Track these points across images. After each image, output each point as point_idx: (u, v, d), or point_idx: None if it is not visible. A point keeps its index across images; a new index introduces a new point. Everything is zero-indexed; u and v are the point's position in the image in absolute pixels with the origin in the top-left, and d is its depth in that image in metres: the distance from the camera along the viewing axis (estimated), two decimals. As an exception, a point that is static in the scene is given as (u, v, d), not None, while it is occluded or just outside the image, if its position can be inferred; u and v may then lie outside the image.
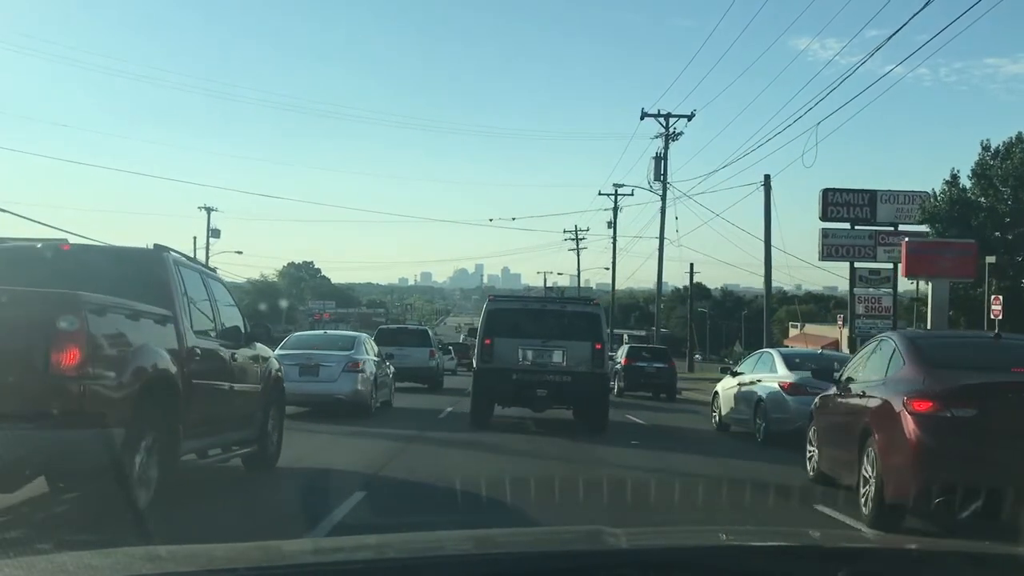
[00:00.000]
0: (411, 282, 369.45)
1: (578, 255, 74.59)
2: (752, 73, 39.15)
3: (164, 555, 2.22)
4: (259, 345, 9.62)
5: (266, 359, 9.83)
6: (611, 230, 60.93)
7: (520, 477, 9.42)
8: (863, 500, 8.27)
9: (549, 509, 8.02)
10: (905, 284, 44.51)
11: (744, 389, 16.25)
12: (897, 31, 17.16)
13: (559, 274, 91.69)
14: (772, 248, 34.29)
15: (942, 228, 40.05)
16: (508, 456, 12.02)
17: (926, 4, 15.25)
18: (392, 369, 20.82)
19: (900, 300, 43.11)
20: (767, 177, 29.88)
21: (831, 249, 40.81)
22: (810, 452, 10.89)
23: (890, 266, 42.01)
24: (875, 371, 9.19)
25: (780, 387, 14.83)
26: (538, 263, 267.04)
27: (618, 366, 29.24)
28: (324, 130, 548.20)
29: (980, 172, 42.47)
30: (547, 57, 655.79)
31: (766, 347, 22.29)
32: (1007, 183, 41.32)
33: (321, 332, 21.53)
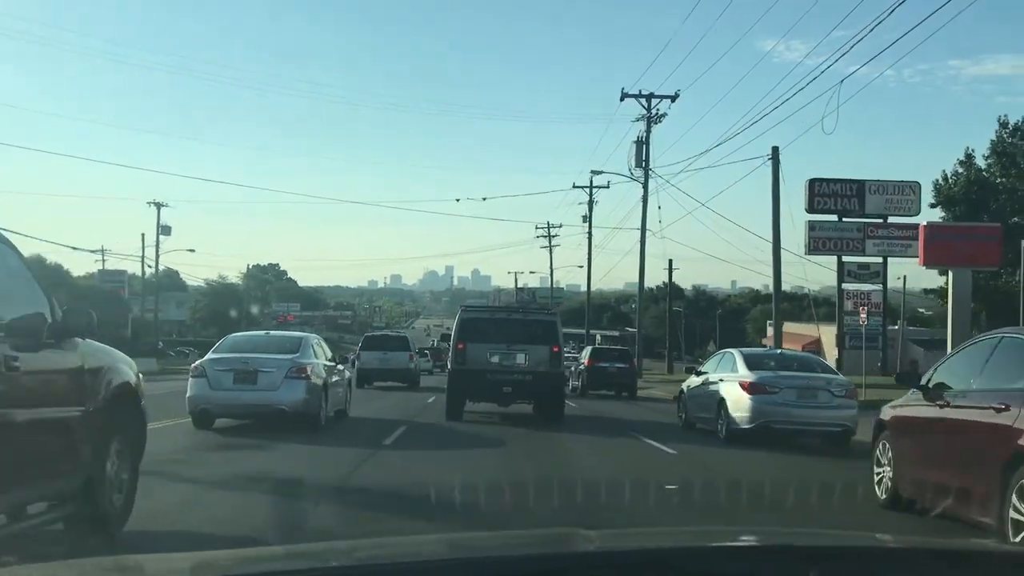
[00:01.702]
0: (380, 284, 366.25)
1: (551, 253, 72.27)
2: (737, 52, 36.99)
3: (132, 565, 2.39)
4: (91, 345, 6.33)
5: (101, 367, 6.36)
6: (586, 224, 57.47)
7: (494, 472, 9.84)
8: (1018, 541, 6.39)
9: (524, 507, 8.08)
10: (892, 280, 42.77)
11: (708, 388, 16.61)
12: (877, 28, 15.16)
13: (531, 272, 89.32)
14: (758, 240, 32.20)
15: (959, 212, 37.86)
16: (481, 452, 11.91)
17: (895, 7, 15.22)
18: (348, 374, 18.67)
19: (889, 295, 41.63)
20: (775, 150, 27.21)
21: (818, 242, 38.93)
22: (879, 472, 9.22)
23: (879, 260, 40.32)
24: (1010, 378, 7.37)
25: (741, 386, 15.07)
26: (510, 262, 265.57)
27: (582, 366, 31.55)
28: (286, 113, 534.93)
29: (1000, 150, 40.00)
30: (520, 33, 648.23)
31: (773, 346, 22.52)
32: None
33: (262, 333, 18.98)
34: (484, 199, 65.15)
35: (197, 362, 15.30)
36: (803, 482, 9.93)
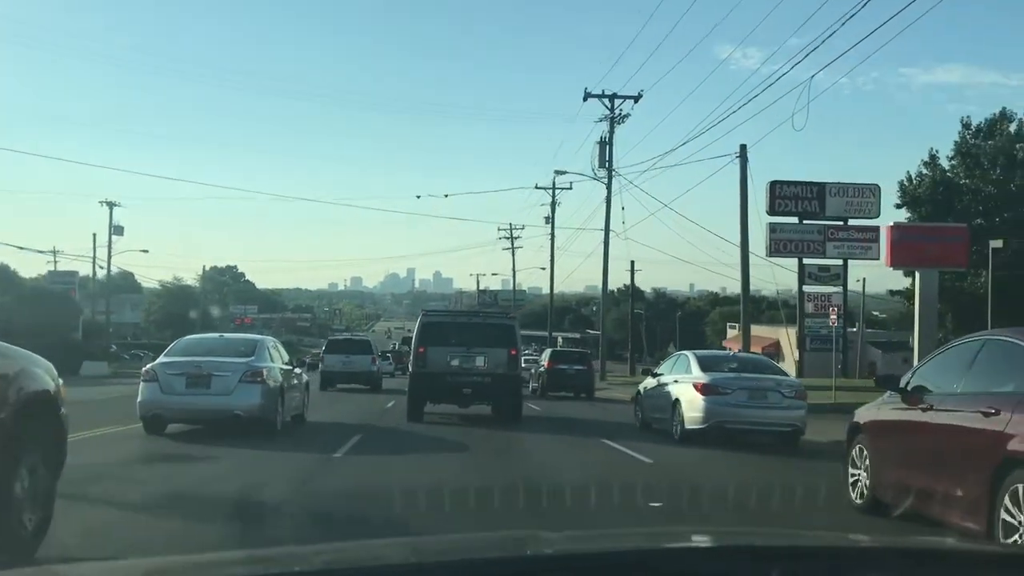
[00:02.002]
0: (341, 287, 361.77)
1: (513, 255, 72.12)
2: (699, 55, 36.99)
3: (89, 572, 2.50)
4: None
5: (9, 372, 5.67)
6: (549, 225, 57.21)
7: (455, 477, 9.74)
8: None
9: (486, 509, 7.99)
10: (851, 282, 43.08)
11: (663, 389, 16.87)
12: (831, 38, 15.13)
13: (494, 274, 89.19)
14: (719, 243, 32.14)
15: (925, 212, 38.08)
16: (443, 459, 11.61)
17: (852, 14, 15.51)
18: (306, 378, 18.19)
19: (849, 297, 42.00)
20: (743, 148, 26.84)
21: (779, 244, 39.07)
22: (854, 475, 9.08)
23: (840, 262, 40.56)
24: (996, 382, 7.29)
25: (694, 387, 15.37)
26: (472, 264, 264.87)
27: (542, 368, 32.31)
28: (244, 110, 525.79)
29: (964, 151, 40.14)
30: (482, 32, 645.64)
31: (741, 348, 22.47)
32: (996, 162, 39.05)
33: (216, 335, 18.53)
34: (446, 196, 64.33)
35: (148, 366, 14.86)
36: (768, 484, 9.81)
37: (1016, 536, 6.28)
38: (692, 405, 15.24)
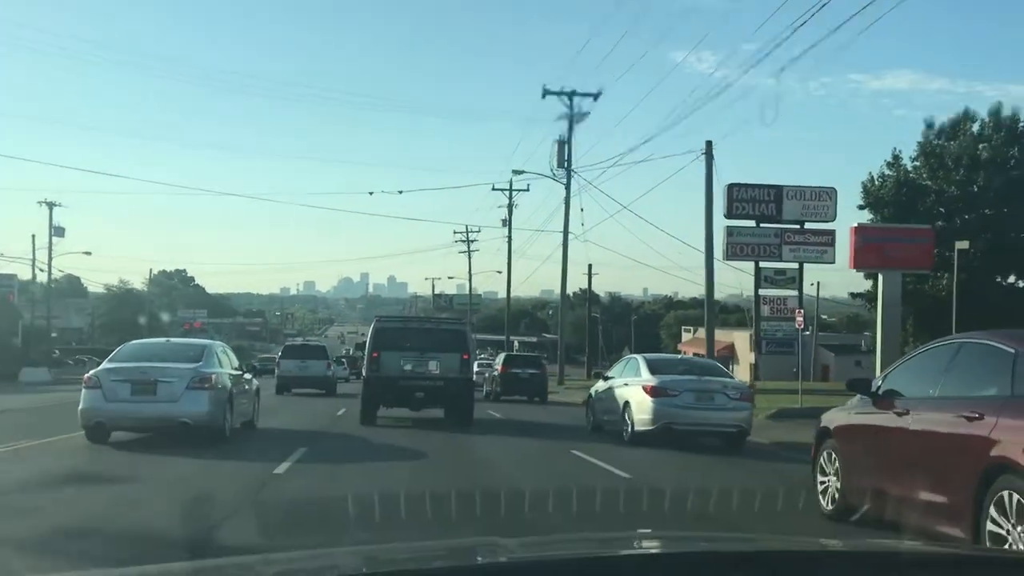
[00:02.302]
0: (293, 291, 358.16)
1: (469, 258, 71.68)
2: (657, 58, 36.81)
3: None
4: None
5: None
6: (506, 228, 56.59)
7: (408, 484, 9.73)
8: None
9: (442, 511, 7.96)
10: (806, 286, 43.32)
11: (613, 392, 17.17)
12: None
13: (449, 278, 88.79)
14: (676, 246, 31.78)
15: (888, 214, 37.92)
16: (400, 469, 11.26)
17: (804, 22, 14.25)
18: (256, 383, 17.72)
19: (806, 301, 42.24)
20: (709, 144, 25.95)
21: (736, 248, 39.06)
22: (824, 482, 8.94)
23: (795, 266, 40.75)
24: (976, 386, 7.17)
25: (643, 390, 15.70)
26: (427, 268, 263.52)
27: (496, 372, 32.53)
28: (191, 104, 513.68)
29: (928, 151, 39.91)
30: (437, 27, 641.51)
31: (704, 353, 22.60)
32: (960, 162, 38.83)
33: (163, 340, 17.83)
34: (400, 192, 63.23)
35: (91, 372, 14.35)
36: (727, 488, 9.72)
37: (1006, 546, 6.14)
38: (641, 407, 15.60)
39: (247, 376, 16.80)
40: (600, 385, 18.63)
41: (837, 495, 8.59)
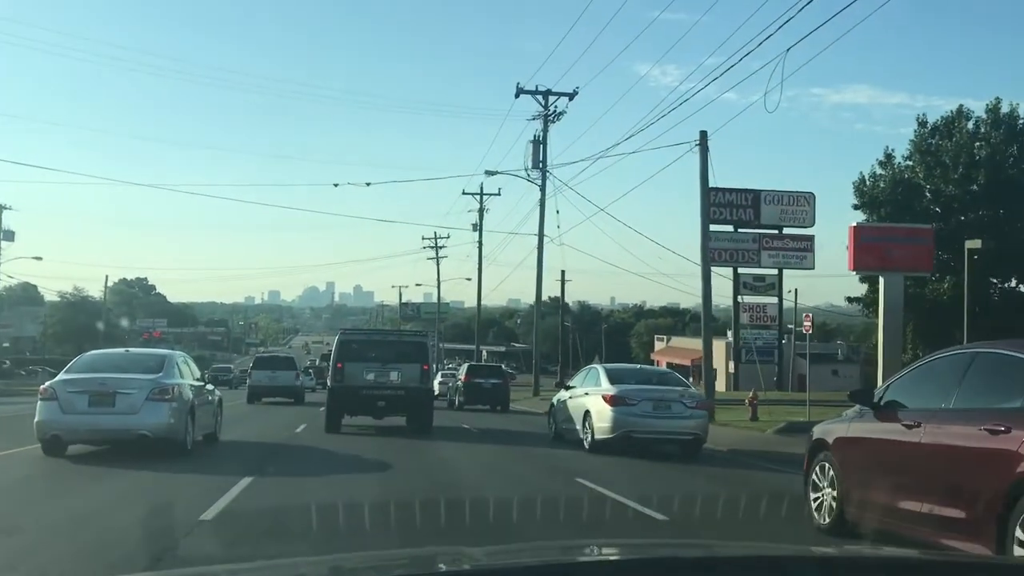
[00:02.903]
0: (258, 300, 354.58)
1: (438, 264, 70.79)
2: (634, 49, 36.13)
3: None
4: None
5: None
6: (476, 233, 55.65)
7: (374, 493, 10.03)
8: None
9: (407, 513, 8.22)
10: (784, 293, 42.77)
11: (574, 401, 17.74)
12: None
13: (417, 285, 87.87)
14: (649, 254, 30.62)
15: (885, 213, 36.62)
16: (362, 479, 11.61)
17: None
18: (219, 394, 17.34)
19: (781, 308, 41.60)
20: (703, 135, 24.03)
21: (714, 253, 38.47)
22: (817, 497, 8.76)
23: (775, 272, 40.41)
24: (996, 399, 7.06)
25: (603, 399, 16.24)
26: (393, 274, 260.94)
27: (459, 382, 33.85)
28: (151, 98, 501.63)
29: (923, 149, 38.54)
30: (409, 21, 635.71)
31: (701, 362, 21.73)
32: (958, 161, 37.59)
33: (121, 351, 17.44)
34: (368, 184, 60.73)
35: (47, 383, 14.01)
36: (711, 496, 9.86)
37: None
38: (601, 416, 16.12)
39: (209, 387, 16.44)
40: (562, 394, 19.23)
41: (834, 509, 8.42)
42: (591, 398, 16.69)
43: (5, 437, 15.64)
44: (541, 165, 38.91)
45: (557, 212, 53.69)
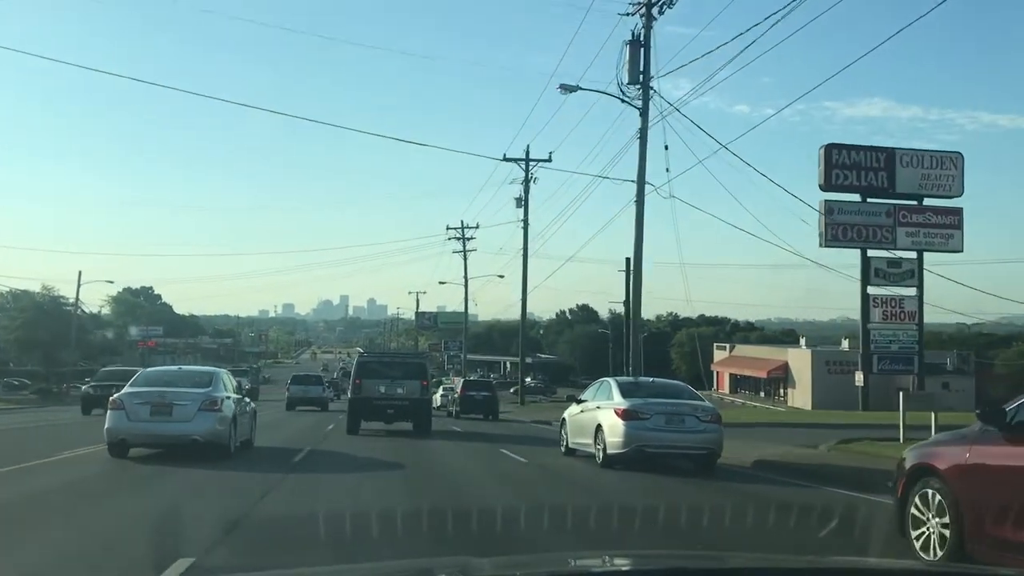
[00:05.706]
0: (272, 314, 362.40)
1: (465, 260, 67.16)
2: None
3: None
4: None
5: None
6: (520, 211, 51.84)
7: (392, 495, 12.01)
8: None
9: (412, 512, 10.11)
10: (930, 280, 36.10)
11: (586, 416, 18.25)
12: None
13: (441, 283, 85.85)
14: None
15: None
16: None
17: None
18: (253, 406, 20.50)
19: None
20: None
21: (836, 230, 31.75)
22: (922, 532, 8.20)
23: (913, 255, 33.93)
24: None
25: (615, 413, 16.62)
26: (412, 277, 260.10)
27: (456, 395, 41.93)
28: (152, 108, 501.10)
29: None
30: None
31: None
32: None
33: (175, 368, 22.33)
34: (423, 144, 54.47)
35: (116, 395, 16.96)
36: (760, 518, 10.08)
37: None
38: (613, 430, 16.48)
39: (246, 400, 19.49)
40: (573, 409, 19.72)
41: (946, 542, 7.87)
42: (603, 412, 17.14)
43: (70, 440, 19.56)
44: (642, 76, 26.89)
45: (666, 148, 29.92)
